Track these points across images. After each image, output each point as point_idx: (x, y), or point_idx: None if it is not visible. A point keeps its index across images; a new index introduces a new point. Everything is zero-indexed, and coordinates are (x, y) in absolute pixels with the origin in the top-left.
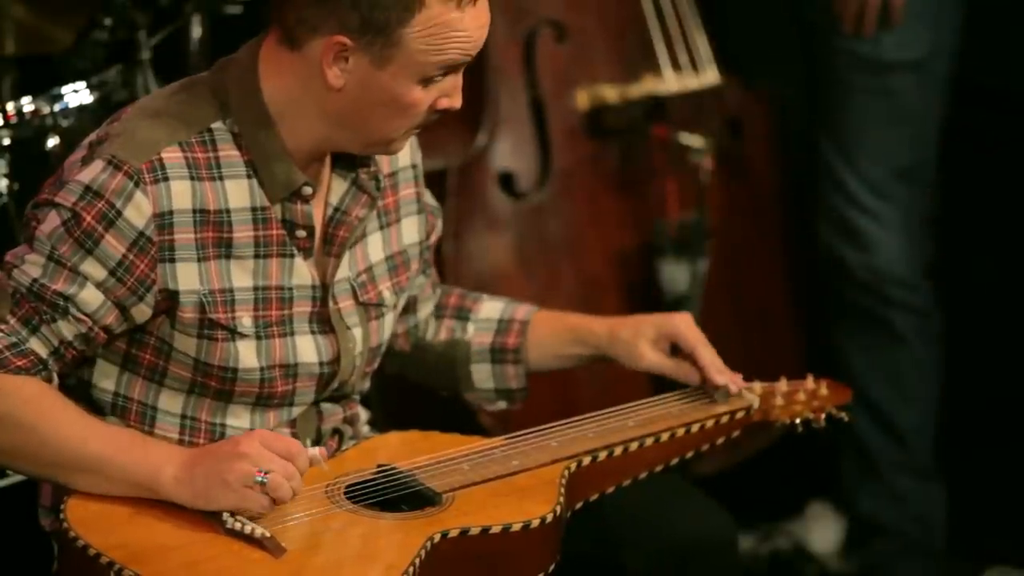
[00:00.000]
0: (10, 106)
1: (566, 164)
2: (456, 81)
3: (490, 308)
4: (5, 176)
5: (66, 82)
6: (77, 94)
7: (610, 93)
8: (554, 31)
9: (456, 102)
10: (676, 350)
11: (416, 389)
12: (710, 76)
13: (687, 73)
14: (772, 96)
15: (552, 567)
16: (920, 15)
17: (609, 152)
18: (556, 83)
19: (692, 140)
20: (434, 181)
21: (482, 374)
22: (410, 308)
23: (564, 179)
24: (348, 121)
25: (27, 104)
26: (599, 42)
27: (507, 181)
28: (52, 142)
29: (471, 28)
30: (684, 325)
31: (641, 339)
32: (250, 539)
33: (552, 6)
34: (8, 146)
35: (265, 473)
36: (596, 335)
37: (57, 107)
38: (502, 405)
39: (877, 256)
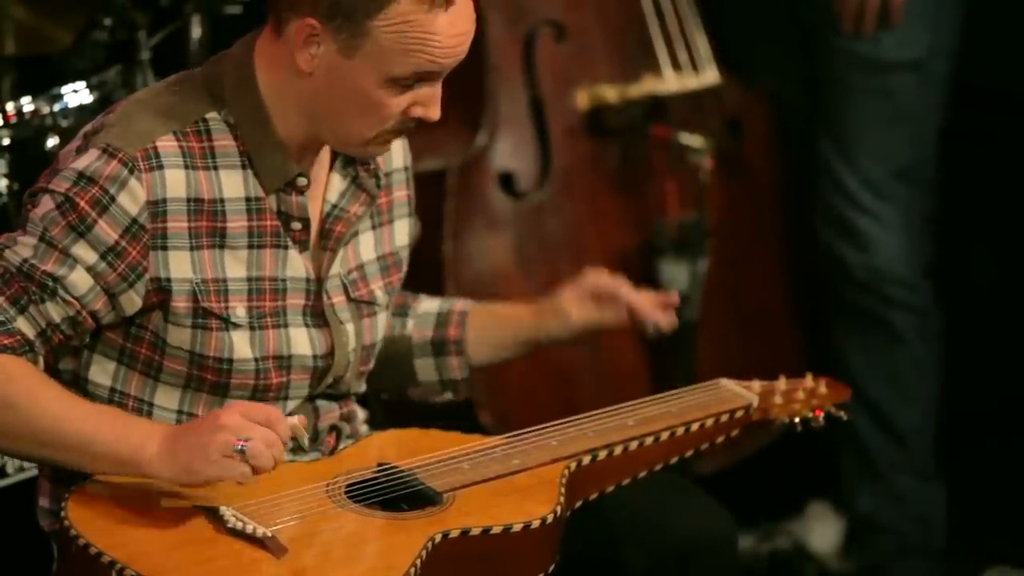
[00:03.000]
0: (10, 106)
1: (566, 164)
2: (433, 91)
3: (428, 304)
4: (5, 176)
5: (66, 82)
6: (77, 94)
7: (610, 93)
8: (554, 31)
9: (431, 114)
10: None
11: None
12: (710, 76)
13: (687, 73)
14: (772, 96)
15: (552, 567)
16: (919, 15)
17: (609, 152)
18: (556, 83)
19: (692, 140)
20: (434, 181)
21: (426, 367)
22: None
23: (564, 179)
24: (319, 112)
25: (27, 104)
26: (599, 42)
27: (507, 181)
28: (52, 142)
29: (443, 34)
30: (596, 274)
31: (563, 301)
32: (252, 538)
33: (552, 6)
34: (8, 146)
35: (245, 441)
36: (522, 316)
37: (57, 107)
38: (448, 396)
39: (877, 256)
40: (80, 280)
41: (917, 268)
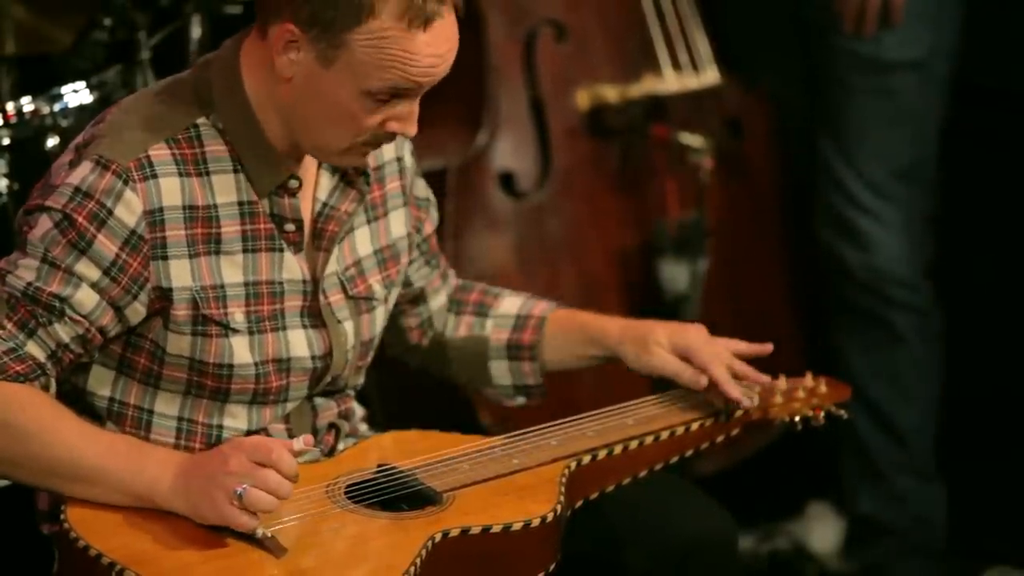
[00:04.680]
0: (10, 106)
1: (566, 164)
2: (410, 108)
3: (509, 304)
4: (5, 176)
5: (66, 82)
6: (77, 94)
7: (610, 93)
8: (554, 31)
9: (408, 129)
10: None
11: (416, 387)
12: (710, 76)
13: (687, 73)
14: (772, 96)
15: (552, 566)
16: (920, 15)
17: (609, 152)
18: (556, 83)
19: (692, 140)
20: (434, 181)
21: (500, 370)
22: (420, 300)
23: (564, 179)
24: (294, 117)
25: (27, 104)
26: (599, 42)
27: (507, 181)
28: (52, 142)
29: (420, 54)
30: (698, 341)
31: (653, 340)
32: (251, 539)
33: (552, 6)
34: (8, 146)
35: (243, 487)
36: (607, 334)
37: (57, 107)
38: (521, 401)
39: (877, 256)
40: (86, 298)
41: (917, 268)
